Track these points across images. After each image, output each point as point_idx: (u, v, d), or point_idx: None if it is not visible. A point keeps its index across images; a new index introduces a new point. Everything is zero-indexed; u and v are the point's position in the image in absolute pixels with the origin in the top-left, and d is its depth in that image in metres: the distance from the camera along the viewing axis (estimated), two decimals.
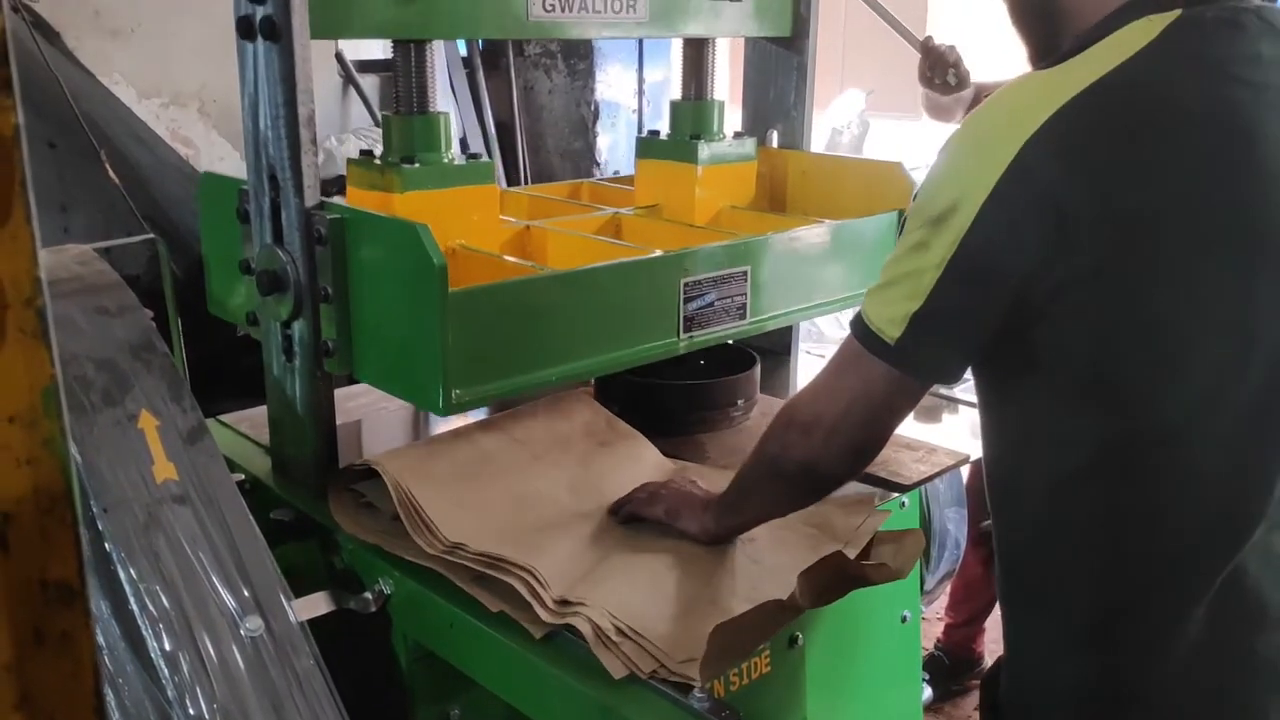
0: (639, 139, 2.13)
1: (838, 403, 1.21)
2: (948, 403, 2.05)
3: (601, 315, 1.54)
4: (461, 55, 4.64)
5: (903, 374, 1.16)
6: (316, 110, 1.47)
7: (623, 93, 4.59)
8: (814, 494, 1.36)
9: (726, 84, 2.17)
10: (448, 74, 4.48)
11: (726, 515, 1.43)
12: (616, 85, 4.57)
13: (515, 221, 1.92)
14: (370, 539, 1.48)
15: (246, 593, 1.31)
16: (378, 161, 1.67)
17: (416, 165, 1.64)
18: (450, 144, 1.71)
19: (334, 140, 3.97)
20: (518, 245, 1.89)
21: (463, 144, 4.44)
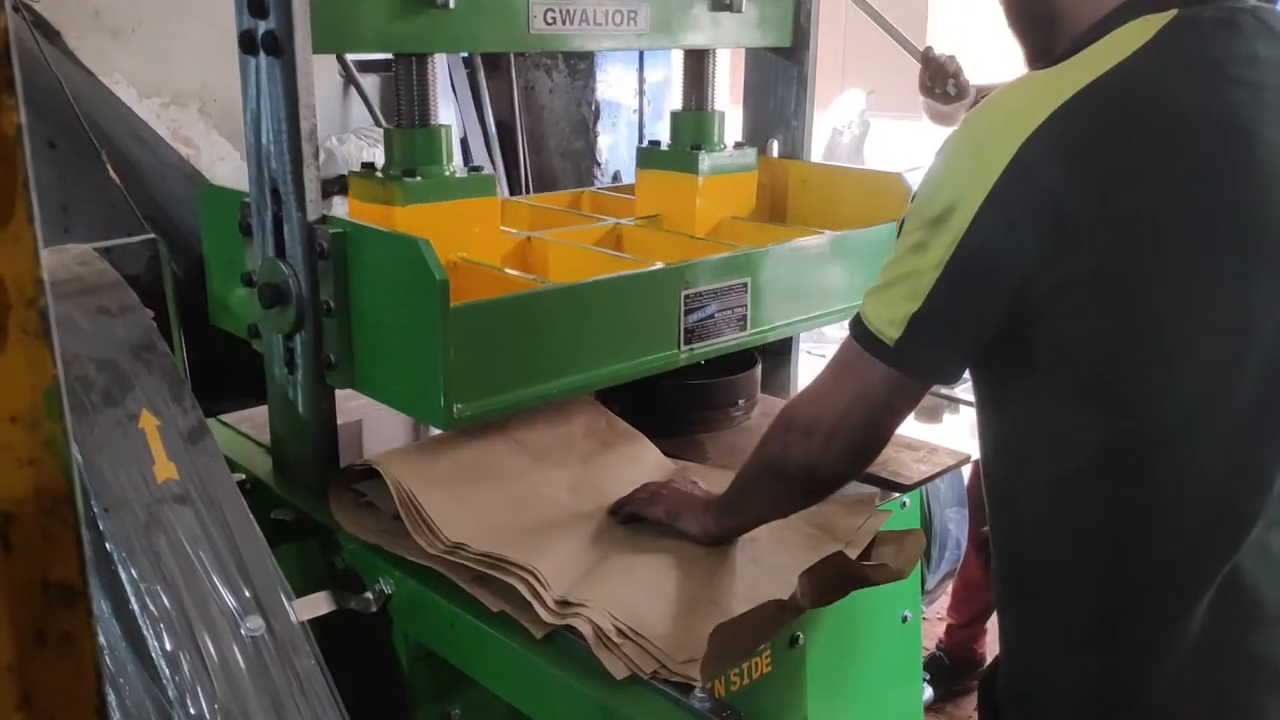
0: (640, 149, 2.14)
1: (837, 404, 1.21)
2: (949, 402, 2.05)
3: (603, 328, 1.55)
4: (462, 55, 4.64)
5: (902, 375, 1.16)
6: (317, 110, 1.46)
7: (623, 93, 4.59)
8: (814, 495, 1.36)
9: (727, 85, 2.17)
10: (448, 74, 4.48)
11: (727, 516, 1.43)
12: (617, 85, 4.57)
13: (516, 233, 1.93)
14: (371, 539, 1.48)
15: (247, 592, 1.31)
16: (379, 174, 1.67)
17: (418, 178, 1.64)
18: (452, 157, 1.71)
19: (334, 140, 3.96)
20: (519, 257, 1.89)
21: (464, 144, 4.43)
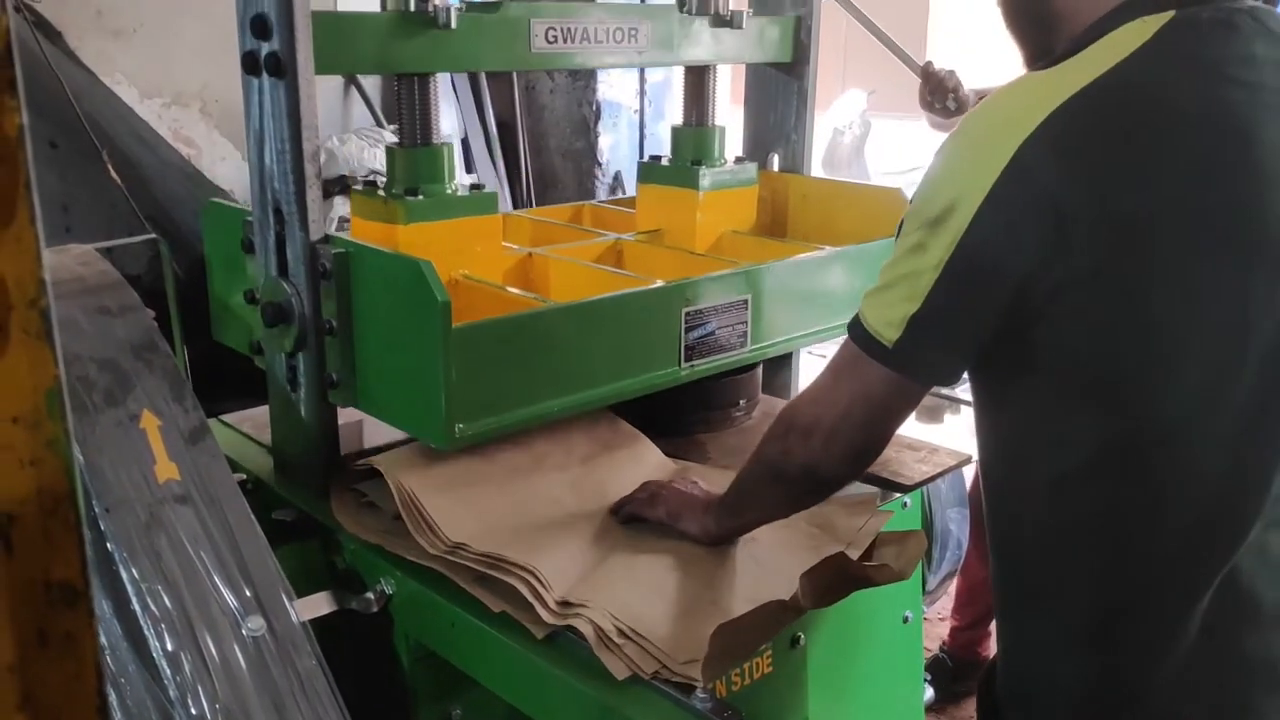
0: (640, 163, 2.14)
1: (837, 406, 1.21)
2: (949, 403, 2.05)
3: (604, 347, 1.55)
4: None
5: (901, 376, 1.16)
6: (319, 109, 1.46)
7: (624, 93, 4.59)
8: (815, 496, 1.36)
9: (728, 86, 2.17)
10: (449, 74, 4.48)
11: (727, 517, 1.43)
12: (618, 85, 4.56)
13: (518, 249, 1.93)
14: (372, 539, 1.48)
15: (248, 592, 1.31)
16: (381, 193, 1.67)
17: (420, 197, 1.64)
18: (454, 175, 1.71)
19: (335, 140, 3.96)
20: (520, 273, 1.89)
21: (464, 144, 4.43)
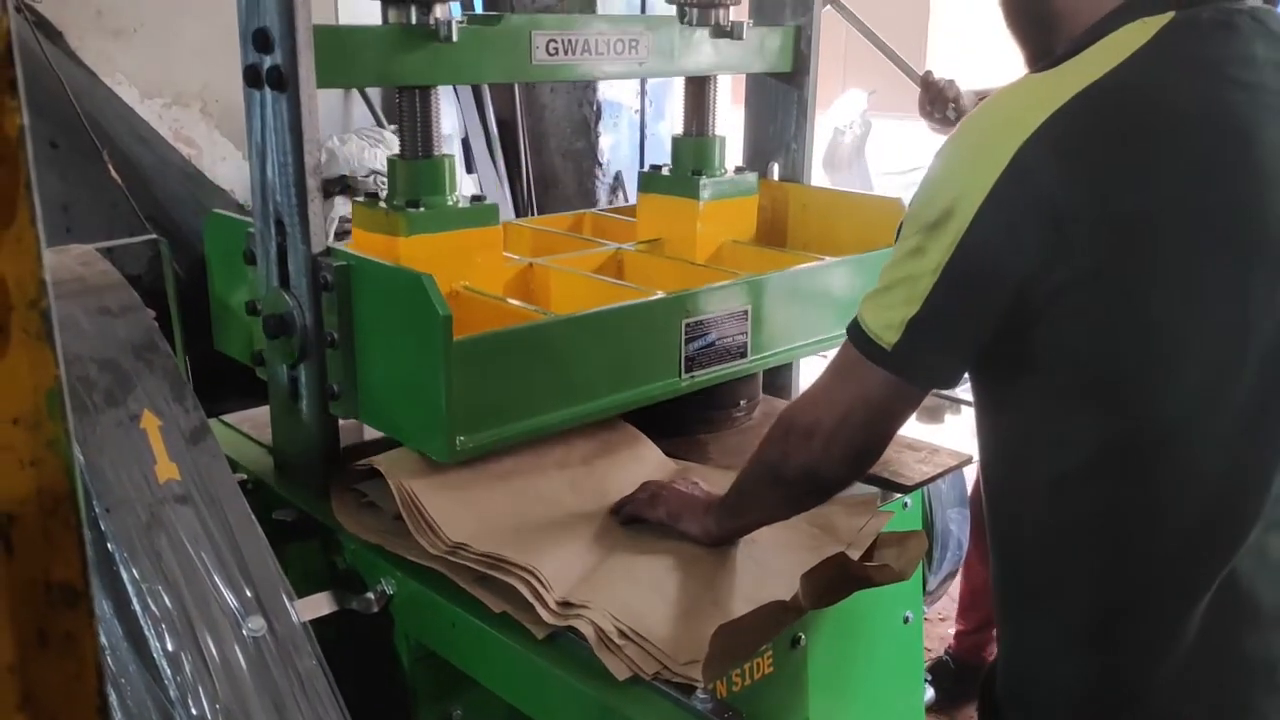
0: (641, 173, 2.14)
1: (836, 408, 1.21)
2: (950, 403, 2.05)
3: (604, 359, 1.55)
4: None
5: (900, 380, 1.16)
6: (320, 109, 1.46)
7: (625, 93, 4.58)
8: (815, 498, 1.36)
9: (728, 85, 2.17)
10: None
11: (728, 518, 1.43)
12: (619, 85, 4.56)
13: (519, 259, 1.93)
14: (372, 539, 1.48)
15: (249, 593, 1.31)
16: (383, 205, 1.67)
17: (421, 209, 1.64)
18: (455, 186, 1.71)
19: (336, 140, 3.96)
20: (521, 283, 1.89)
21: (465, 144, 4.43)
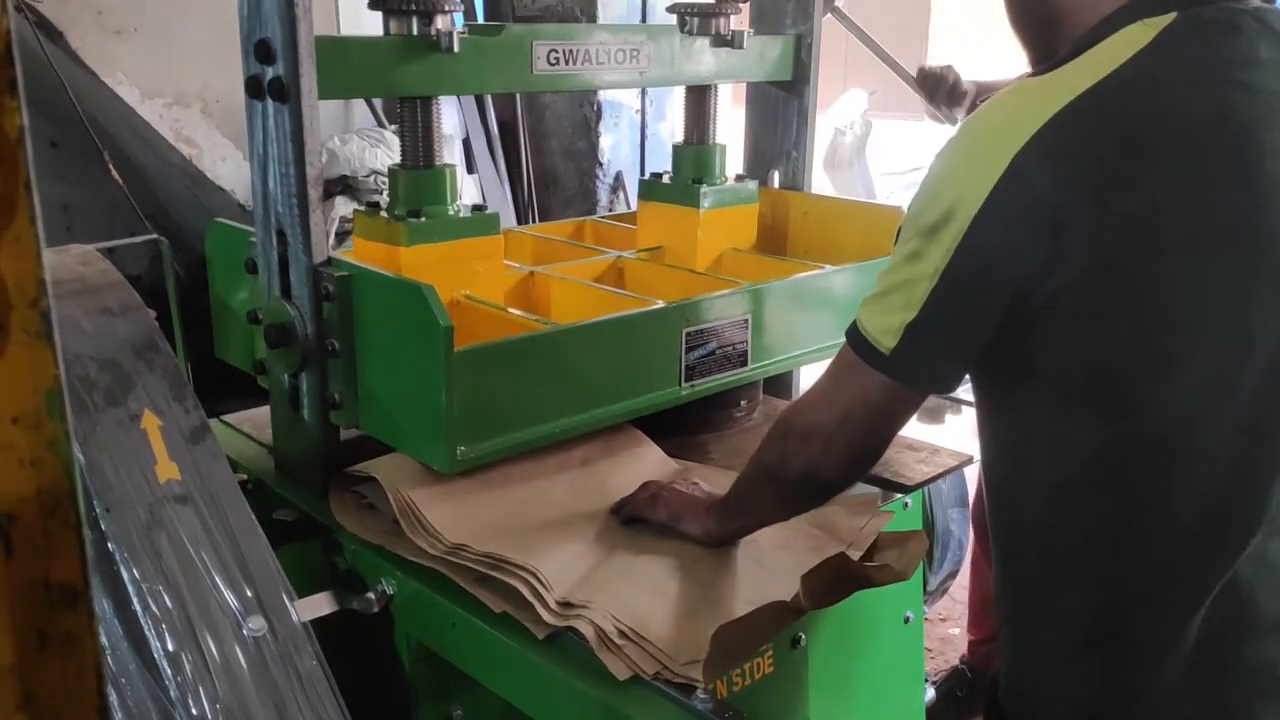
0: (642, 181, 2.14)
1: (835, 410, 1.21)
2: (951, 403, 2.04)
3: (604, 368, 1.55)
4: None
5: (899, 384, 1.15)
6: (320, 109, 1.46)
7: (626, 93, 4.58)
8: (815, 499, 1.36)
9: (729, 84, 2.17)
10: None
11: (728, 519, 1.43)
12: None
13: (519, 267, 1.93)
14: (373, 539, 1.48)
15: (249, 593, 1.31)
16: (384, 214, 1.67)
17: (422, 219, 1.64)
18: (456, 196, 1.71)
19: (337, 140, 3.96)
20: (521, 292, 1.89)
21: (466, 144, 4.42)
